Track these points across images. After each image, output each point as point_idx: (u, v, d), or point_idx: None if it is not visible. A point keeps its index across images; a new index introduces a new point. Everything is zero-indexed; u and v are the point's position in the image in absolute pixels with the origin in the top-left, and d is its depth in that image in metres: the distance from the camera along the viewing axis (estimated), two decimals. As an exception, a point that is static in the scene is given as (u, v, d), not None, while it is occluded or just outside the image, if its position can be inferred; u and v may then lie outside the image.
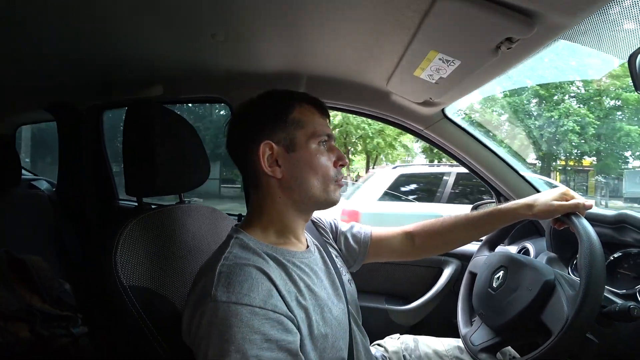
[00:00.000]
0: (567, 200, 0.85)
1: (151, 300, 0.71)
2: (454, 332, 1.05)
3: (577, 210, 0.84)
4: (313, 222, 0.95)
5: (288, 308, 0.62)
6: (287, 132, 0.72)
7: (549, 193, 0.89)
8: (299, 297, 0.66)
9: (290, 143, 0.72)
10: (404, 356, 1.02)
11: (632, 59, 0.73)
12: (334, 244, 0.95)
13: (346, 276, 0.88)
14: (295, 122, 0.73)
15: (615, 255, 1.00)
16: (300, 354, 0.60)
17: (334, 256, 0.87)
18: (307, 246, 0.80)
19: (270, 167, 0.72)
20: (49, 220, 1.73)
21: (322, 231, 0.95)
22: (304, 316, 0.65)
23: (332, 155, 0.76)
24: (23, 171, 1.81)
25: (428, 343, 1.06)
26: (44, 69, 1.39)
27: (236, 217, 1.57)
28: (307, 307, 0.66)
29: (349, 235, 0.99)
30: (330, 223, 1.00)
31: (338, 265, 0.86)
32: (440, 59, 0.91)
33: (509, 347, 0.96)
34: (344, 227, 1.01)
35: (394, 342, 1.07)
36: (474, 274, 1.03)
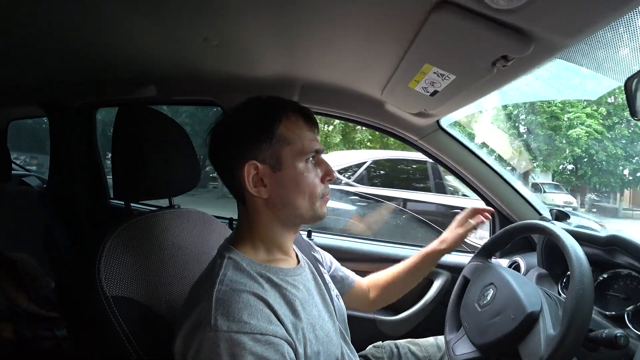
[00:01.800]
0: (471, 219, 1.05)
1: (134, 310, 0.70)
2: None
3: (479, 223, 1.05)
4: (310, 244, 0.97)
5: (286, 331, 0.62)
6: (272, 149, 0.69)
7: (453, 223, 1.06)
8: (294, 319, 0.65)
9: (276, 162, 0.69)
10: None
11: (628, 82, 0.72)
12: (321, 260, 0.95)
13: (334, 292, 0.88)
14: (282, 139, 0.69)
15: (605, 276, 1.00)
16: None
17: (323, 273, 0.87)
18: (298, 262, 0.79)
19: (255, 187, 0.69)
20: (39, 218, 1.71)
21: (315, 254, 0.95)
22: (300, 337, 0.64)
23: (320, 169, 0.74)
24: (13, 166, 1.79)
25: (410, 347, 1.10)
26: (38, 65, 1.37)
27: (227, 221, 1.56)
28: (302, 327, 0.65)
29: (333, 268, 1.01)
30: (330, 261, 1.01)
31: (327, 281, 0.86)
32: (435, 73, 0.90)
33: None
34: (327, 257, 1.02)
35: (377, 351, 1.10)
36: (467, 280, 1.02)
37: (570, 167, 10.87)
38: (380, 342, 1.13)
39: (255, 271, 0.67)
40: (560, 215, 1.23)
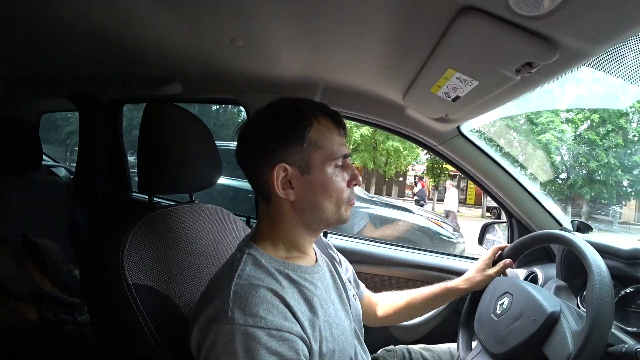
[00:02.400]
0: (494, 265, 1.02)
1: (154, 298, 0.72)
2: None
3: (505, 269, 1.00)
4: (328, 244, 0.98)
5: (302, 328, 0.62)
6: (302, 153, 0.69)
7: (480, 264, 1.03)
8: (311, 316, 0.66)
9: (305, 165, 0.69)
10: None
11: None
12: (340, 263, 0.96)
13: (351, 292, 0.88)
14: (312, 143, 0.69)
15: (627, 291, 0.97)
16: None
17: (340, 272, 0.87)
18: (316, 260, 0.79)
19: (283, 189, 0.69)
20: (64, 207, 1.78)
21: (329, 250, 0.96)
22: (317, 334, 0.65)
23: (346, 174, 0.74)
24: (44, 157, 1.87)
25: (422, 353, 1.10)
26: (70, 60, 1.43)
27: (244, 219, 1.58)
28: (319, 324, 0.66)
29: (350, 278, 1.00)
30: (345, 267, 1.01)
31: (344, 281, 0.86)
32: (457, 78, 0.90)
33: None
34: (347, 267, 1.02)
35: (389, 354, 1.09)
36: (477, 297, 1.01)
37: (563, 175, 10.56)
38: (393, 346, 1.13)
39: (274, 268, 0.67)
40: (583, 227, 1.20)
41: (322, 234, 0.92)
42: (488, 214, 14.06)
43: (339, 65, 1.18)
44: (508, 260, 1.00)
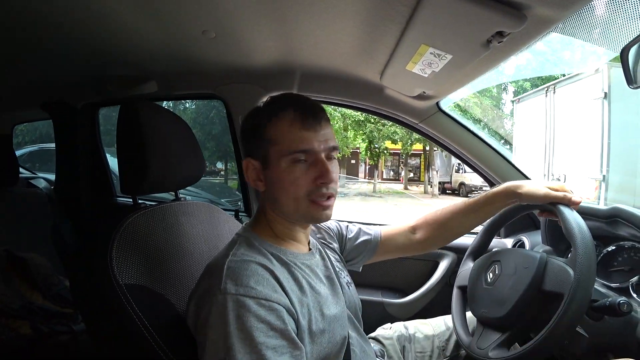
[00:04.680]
0: (557, 191, 0.86)
1: (147, 298, 0.71)
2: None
3: (564, 202, 0.84)
4: (316, 225, 0.96)
5: (290, 302, 0.65)
6: (262, 148, 0.72)
7: (542, 180, 0.93)
8: (300, 295, 0.68)
9: (263, 160, 0.72)
10: (404, 347, 1.06)
11: (624, 52, 0.72)
12: (335, 248, 0.96)
13: (345, 279, 0.89)
14: (268, 138, 0.71)
15: (609, 249, 1.00)
16: (300, 343, 0.64)
17: (333, 260, 0.88)
18: (310, 249, 0.81)
19: (254, 180, 0.74)
20: (47, 218, 1.74)
21: (326, 234, 0.96)
22: (305, 312, 0.67)
23: (313, 171, 0.70)
24: (21, 169, 1.82)
25: (418, 327, 1.11)
26: (39, 67, 1.38)
27: (233, 213, 1.57)
28: (307, 303, 0.68)
29: (358, 237, 1.01)
30: (338, 227, 1.01)
31: (337, 269, 0.87)
32: (431, 53, 0.90)
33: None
34: (352, 229, 1.02)
35: (386, 332, 1.10)
36: (463, 288, 1.02)
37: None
38: (390, 324, 1.15)
39: (266, 249, 0.71)
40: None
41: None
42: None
43: (314, 50, 1.17)
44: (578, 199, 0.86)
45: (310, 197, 0.70)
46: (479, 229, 1.08)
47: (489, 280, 0.91)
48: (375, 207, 10.98)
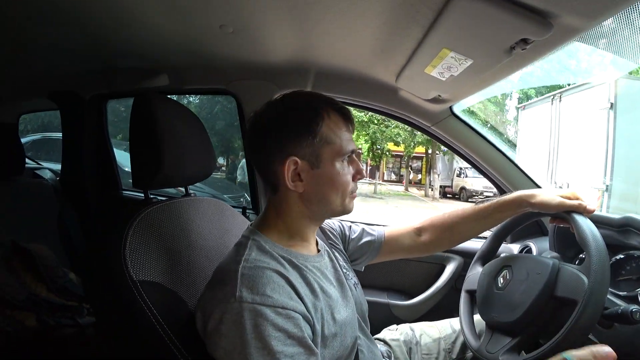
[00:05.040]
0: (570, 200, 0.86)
1: (161, 295, 0.71)
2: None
3: (579, 210, 0.85)
4: (321, 227, 0.96)
5: (306, 308, 0.64)
6: (313, 148, 0.71)
7: (555, 189, 0.93)
8: (314, 299, 0.68)
9: (315, 160, 0.71)
10: (410, 348, 1.06)
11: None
12: (342, 249, 0.97)
13: (352, 280, 0.89)
14: (323, 138, 0.71)
15: (618, 257, 1.01)
16: (316, 348, 0.63)
17: (340, 260, 0.89)
18: (318, 250, 0.81)
19: (292, 181, 0.71)
20: (53, 209, 1.73)
21: (331, 234, 0.96)
22: (319, 316, 0.67)
23: (352, 168, 0.76)
24: (27, 160, 1.80)
25: (425, 330, 1.11)
26: (48, 57, 1.37)
27: (240, 210, 1.57)
28: (321, 307, 0.68)
29: (362, 238, 1.01)
30: (340, 227, 1.01)
31: (345, 270, 0.87)
32: (452, 57, 0.90)
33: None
34: (355, 230, 1.02)
35: (392, 333, 1.10)
36: (471, 292, 1.01)
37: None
38: (395, 325, 1.15)
39: (278, 253, 0.70)
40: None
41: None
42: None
43: (332, 49, 1.16)
44: (592, 206, 0.86)
45: (352, 193, 0.76)
46: (486, 233, 1.07)
47: (499, 285, 0.91)
48: (375, 208, 11.00)
